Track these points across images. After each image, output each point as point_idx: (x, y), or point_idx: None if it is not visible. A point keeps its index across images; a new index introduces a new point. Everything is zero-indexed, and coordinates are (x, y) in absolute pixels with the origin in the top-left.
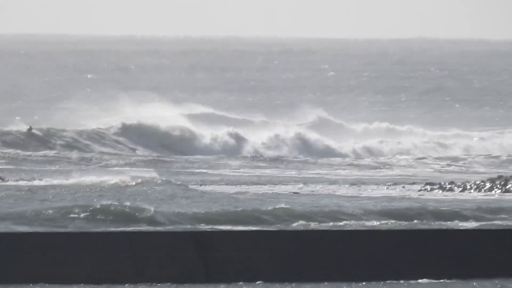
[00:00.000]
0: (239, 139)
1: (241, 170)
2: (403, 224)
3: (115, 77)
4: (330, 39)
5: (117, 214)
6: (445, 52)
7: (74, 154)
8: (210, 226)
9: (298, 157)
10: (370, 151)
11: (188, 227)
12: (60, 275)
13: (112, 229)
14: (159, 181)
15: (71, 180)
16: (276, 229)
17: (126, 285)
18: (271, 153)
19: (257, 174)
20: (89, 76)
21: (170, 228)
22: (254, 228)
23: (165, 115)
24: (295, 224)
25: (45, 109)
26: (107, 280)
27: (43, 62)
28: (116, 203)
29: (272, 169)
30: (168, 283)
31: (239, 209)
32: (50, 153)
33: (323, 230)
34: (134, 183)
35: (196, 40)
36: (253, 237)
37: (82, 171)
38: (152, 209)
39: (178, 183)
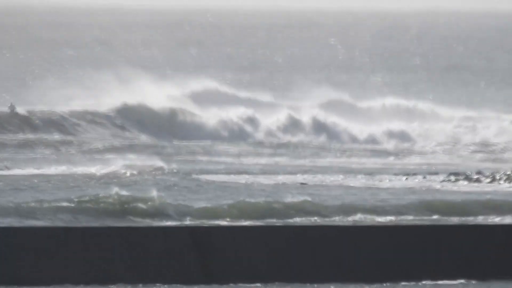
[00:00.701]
0: (251, 123)
1: (249, 157)
2: (419, 220)
3: (97, 53)
4: (339, 11)
5: (111, 207)
6: (468, 25)
7: (58, 138)
8: (220, 221)
9: (312, 143)
10: (388, 136)
11: (197, 222)
12: (43, 274)
13: (95, 224)
14: (159, 170)
15: (60, 169)
16: (281, 223)
17: (117, 285)
18: (284, 138)
19: (267, 162)
20: (68, 52)
21: (167, 223)
22: (255, 224)
23: (159, 95)
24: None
25: (20, 88)
26: (96, 280)
27: (15, 36)
28: (110, 194)
29: (283, 157)
30: (161, 284)
31: (252, 201)
32: (35, 136)
33: (330, 226)
34: (129, 173)
35: (188, 11)
36: (254, 233)
37: (71, 158)
38: (156, 199)
39: (174, 171)
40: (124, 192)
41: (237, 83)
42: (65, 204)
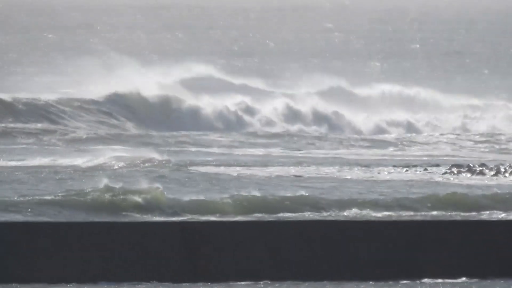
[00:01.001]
0: (248, 112)
1: (244, 148)
2: (419, 215)
3: (80, 37)
4: None
5: (99, 201)
6: (471, 8)
7: (43, 127)
8: (213, 215)
9: (309, 133)
10: (388, 126)
11: (188, 217)
12: (28, 272)
13: (78, 219)
14: (149, 161)
15: (47, 159)
16: (275, 219)
17: (101, 283)
18: (282, 129)
19: (262, 153)
20: (49, 35)
21: (157, 219)
22: (248, 219)
23: (149, 82)
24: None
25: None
26: (76, 278)
27: None
28: (99, 187)
29: (278, 147)
30: (149, 281)
31: (248, 194)
32: (18, 125)
33: (325, 221)
34: (118, 164)
35: None
36: (246, 229)
37: (58, 149)
38: (149, 192)
39: (166, 163)
40: (114, 185)
41: (227, 69)
42: (49, 198)
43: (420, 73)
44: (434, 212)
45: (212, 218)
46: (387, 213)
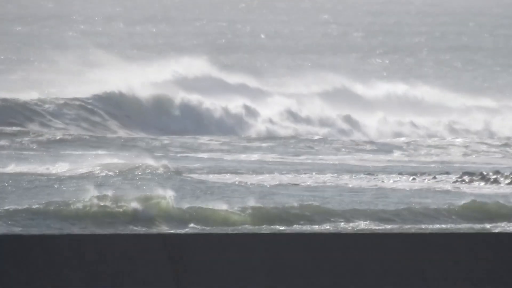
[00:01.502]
0: (248, 115)
1: (243, 153)
2: (430, 228)
3: (52, 29)
4: None
5: (85, 211)
6: None
7: (21, 130)
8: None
9: (309, 136)
10: (394, 129)
11: (171, 230)
12: (4, 281)
13: (54, 232)
14: (146, 168)
15: (27, 167)
16: (269, 231)
17: None
18: (283, 132)
19: (261, 158)
20: (18, 28)
21: (138, 230)
22: (233, 231)
23: (137, 80)
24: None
25: None
26: None
27: None
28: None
29: (277, 153)
30: None
31: (251, 205)
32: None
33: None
34: (113, 172)
35: None
36: (232, 241)
37: (44, 155)
38: (170, 202)
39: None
40: (108, 193)
41: (214, 65)
42: (23, 207)
43: (425, 70)
44: (440, 225)
45: (194, 230)
46: (389, 224)
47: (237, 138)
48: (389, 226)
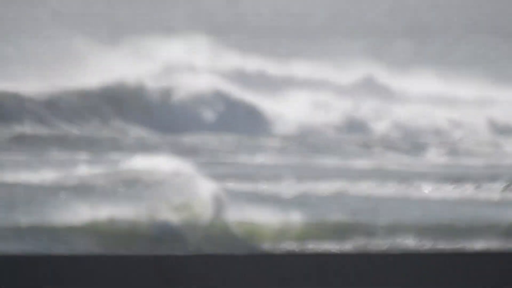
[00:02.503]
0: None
1: (265, 155)
2: (470, 248)
3: (22, 9)
4: None
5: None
6: None
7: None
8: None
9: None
10: (431, 127)
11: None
12: None
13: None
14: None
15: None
16: (281, 252)
17: None
18: (304, 132)
19: (281, 163)
20: None
21: (124, 252)
22: (229, 253)
23: (132, 70)
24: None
25: None
26: None
27: None
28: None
29: (300, 157)
30: None
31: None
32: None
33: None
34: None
35: None
36: (228, 263)
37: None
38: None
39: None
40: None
41: (216, 46)
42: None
43: (460, 55)
44: (489, 244)
45: (190, 252)
46: (416, 241)
47: (264, 138)
48: (422, 244)
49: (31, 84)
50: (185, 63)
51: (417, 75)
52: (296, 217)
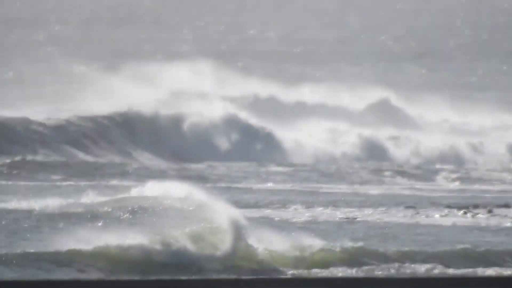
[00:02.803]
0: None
1: (276, 182)
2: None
3: (21, 32)
4: None
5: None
6: None
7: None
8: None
9: (346, 161)
10: (444, 153)
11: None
12: None
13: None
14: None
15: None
16: (294, 276)
17: None
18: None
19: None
20: None
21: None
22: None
23: (141, 97)
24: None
25: None
26: None
27: None
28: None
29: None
30: None
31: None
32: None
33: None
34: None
35: None
36: None
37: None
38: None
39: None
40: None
41: (218, 73)
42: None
43: (472, 79)
44: (503, 271)
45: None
46: (426, 266)
47: (276, 165)
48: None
49: (39, 108)
50: (193, 89)
51: (432, 100)
52: (306, 243)
